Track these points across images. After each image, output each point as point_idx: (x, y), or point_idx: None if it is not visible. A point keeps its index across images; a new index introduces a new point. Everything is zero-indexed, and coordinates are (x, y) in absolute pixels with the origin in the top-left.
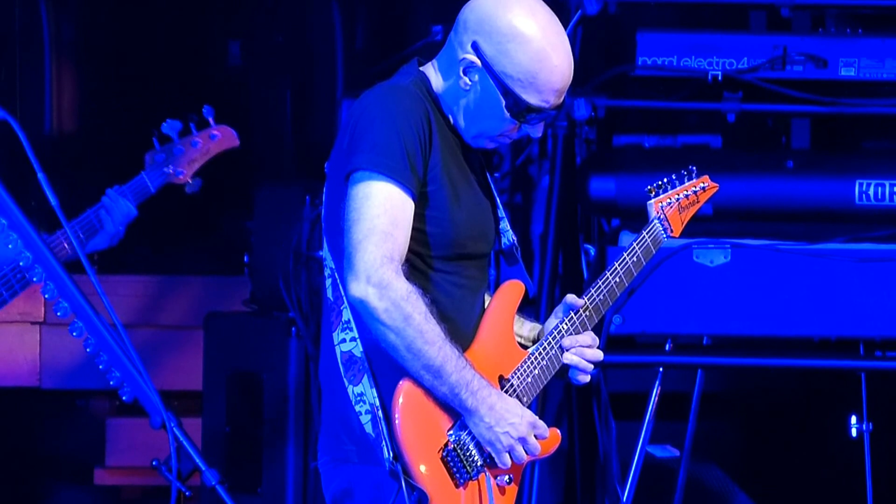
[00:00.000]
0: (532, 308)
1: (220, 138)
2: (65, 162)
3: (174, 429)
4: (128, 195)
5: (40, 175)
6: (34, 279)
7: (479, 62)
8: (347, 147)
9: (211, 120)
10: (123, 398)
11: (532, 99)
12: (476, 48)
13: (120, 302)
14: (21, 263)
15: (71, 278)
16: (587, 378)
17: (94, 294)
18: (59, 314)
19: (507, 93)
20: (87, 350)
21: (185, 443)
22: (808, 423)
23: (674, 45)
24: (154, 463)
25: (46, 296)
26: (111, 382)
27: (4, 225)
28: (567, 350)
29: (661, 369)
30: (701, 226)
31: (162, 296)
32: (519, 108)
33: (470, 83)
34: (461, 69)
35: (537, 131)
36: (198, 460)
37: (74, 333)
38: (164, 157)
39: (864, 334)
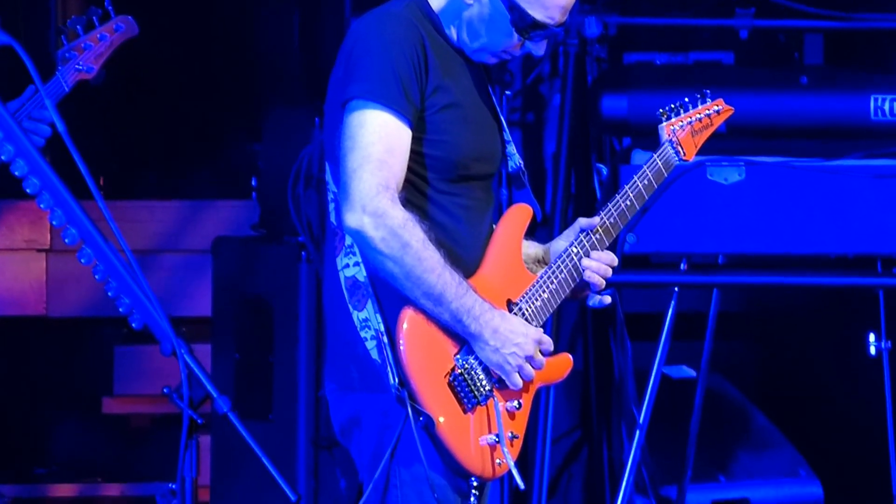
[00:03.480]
0: (543, 230)
1: (125, 29)
2: None
3: (185, 356)
4: (49, 96)
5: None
6: (41, 205)
7: None
8: (343, 76)
9: (111, 10)
10: (133, 325)
11: (537, 14)
12: None
13: (126, 228)
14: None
15: (79, 204)
16: (608, 300)
17: (102, 220)
18: (67, 241)
19: (513, 7)
20: (97, 277)
21: (196, 370)
22: (825, 342)
23: None
24: (165, 390)
25: (54, 222)
26: (121, 310)
27: (11, 151)
28: (588, 269)
29: (676, 289)
30: (714, 143)
31: (169, 220)
32: (524, 24)
33: None
34: None
35: (540, 49)
36: (209, 387)
37: (83, 260)
38: (74, 55)
39: (881, 251)
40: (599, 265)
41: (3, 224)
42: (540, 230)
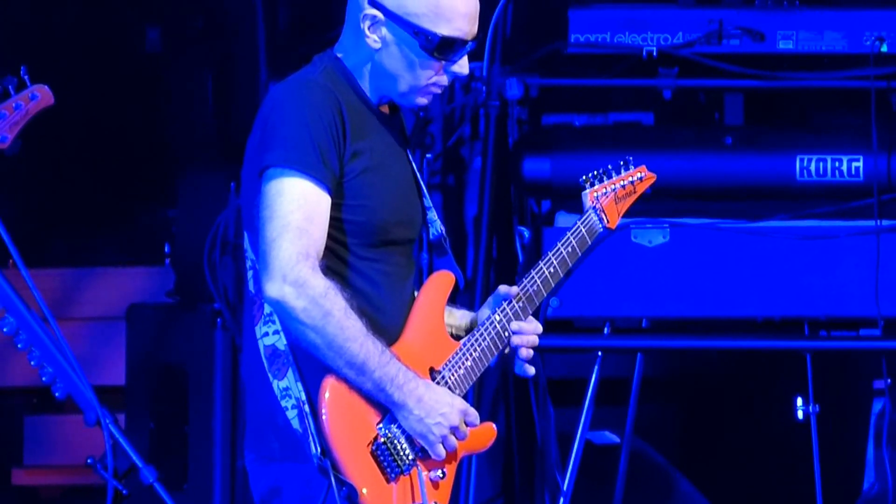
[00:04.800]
0: (464, 295)
1: (40, 98)
2: None
3: (110, 425)
4: None
5: None
6: None
7: (380, 14)
8: (259, 143)
9: (27, 79)
10: (56, 394)
11: (444, 30)
12: (373, 2)
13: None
14: None
15: (1, 273)
16: (533, 370)
17: (25, 288)
18: None
19: (417, 32)
20: (19, 346)
21: (121, 440)
22: (752, 407)
23: (606, 21)
24: (89, 461)
25: None
26: (43, 379)
27: None
28: (514, 335)
29: (599, 353)
30: (639, 205)
31: (82, 288)
32: (433, 44)
33: (379, 39)
34: (366, 29)
35: (463, 68)
36: (134, 457)
37: (5, 329)
38: None
39: (808, 314)
40: (525, 336)
41: None
42: (461, 296)
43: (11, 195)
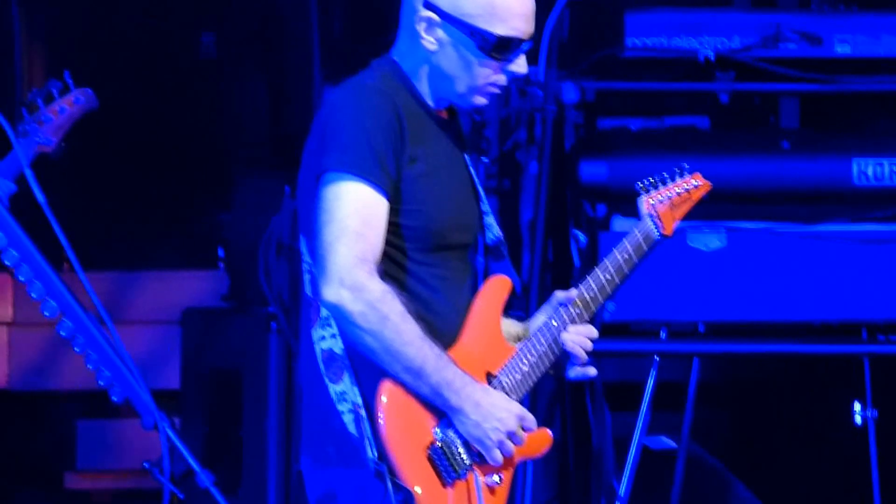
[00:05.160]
0: (521, 299)
1: (84, 102)
2: None
3: (167, 429)
4: (5, 173)
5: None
6: (20, 277)
7: (436, 16)
8: (317, 147)
9: (71, 83)
10: (114, 398)
11: (499, 29)
12: (428, 4)
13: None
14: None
15: (59, 276)
16: (593, 371)
17: (82, 292)
18: (46, 313)
19: (474, 32)
20: (76, 350)
21: (178, 444)
22: (809, 411)
23: (663, 25)
24: (146, 465)
25: (33, 294)
26: (101, 382)
27: None
28: (568, 341)
29: (656, 357)
30: (695, 209)
31: (136, 292)
32: (490, 44)
33: (435, 41)
34: (422, 31)
35: (520, 67)
36: (191, 461)
37: (62, 333)
38: (34, 128)
39: (866, 318)
40: (579, 338)
41: None
42: (517, 300)
43: (68, 198)
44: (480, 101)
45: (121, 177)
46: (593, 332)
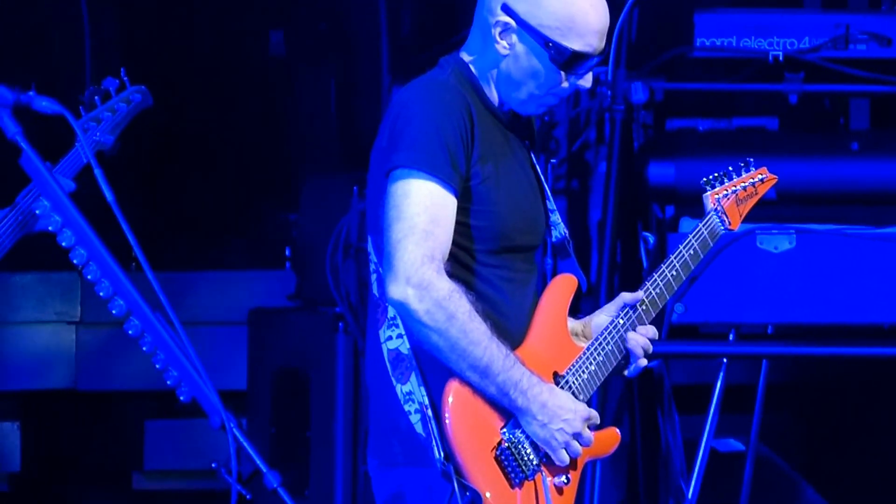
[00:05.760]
0: (588, 300)
1: (140, 100)
2: None
3: (234, 429)
4: (66, 172)
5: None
6: (88, 276)
7: (513, 22)
8: (387, 145)
9: (126, 81)
10: (181, 398)
11: (575, 44)
12: (506, 9)
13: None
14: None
15: (127, 275)
16: (644, 362)
17: (150, 291)
18: (114, 312)
19: (548, 44)
20: (144, 349)
21: (245, 444)
22: (878, 414)
23: (732, 25)
24: (213, 465)
25: (101, 293)
26: (168, 382)
27: (59, 221)
28: (631, 340)
29: (724, 360)
30: (764, 211)
31: (203, 292)
32: (564, 58)
33: (508, 46)
34: (496, 35)
35: (587, 82)
36: (259, 462)
37: (130, 332)
38: (92, 126)
39: None
40: (641, 339)
41: (34, 296)
42: (585, 301)
43: (136, 198)
44: (539, 110)
45: (188, 176)
46: (655, 333)
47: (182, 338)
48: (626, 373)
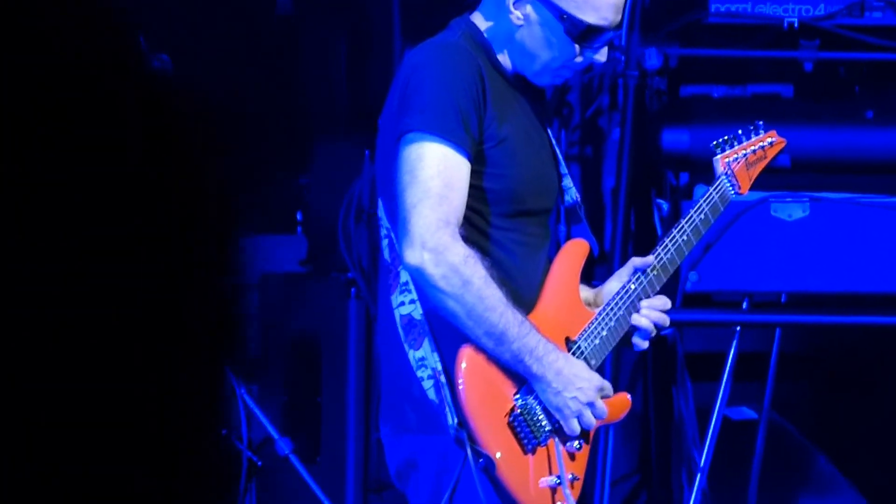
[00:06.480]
0: (602, 267)
1: (159, 66)
2: None
3: (244, 396)
4: None
5: None
6: None
7: None
8: (398, 108)
9: (145, 48)
10: None
11: (590, 17)
12: None
13: None
14: None
15: None
16: (646, 344)
17: None
18: None
19: (563, 16)
20: None
21: (256, 411)
22: (892, 383)
23: None
24: (223, 432)
25: None
26: None
27: None
28: (639, 311)
29: (738, 328)
30: (778, 179)
31: None
32: (578, 30)
33: (522, 16)
34: (510, 4)
35: (602, 55)
36: (270, 429)
37: None
38: None
39: None
40: (653, 313)
41: None
42: (599, 267)
43: None
44: (554, 80)
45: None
46: (667, 303)
47: None
48: (633, 340)
